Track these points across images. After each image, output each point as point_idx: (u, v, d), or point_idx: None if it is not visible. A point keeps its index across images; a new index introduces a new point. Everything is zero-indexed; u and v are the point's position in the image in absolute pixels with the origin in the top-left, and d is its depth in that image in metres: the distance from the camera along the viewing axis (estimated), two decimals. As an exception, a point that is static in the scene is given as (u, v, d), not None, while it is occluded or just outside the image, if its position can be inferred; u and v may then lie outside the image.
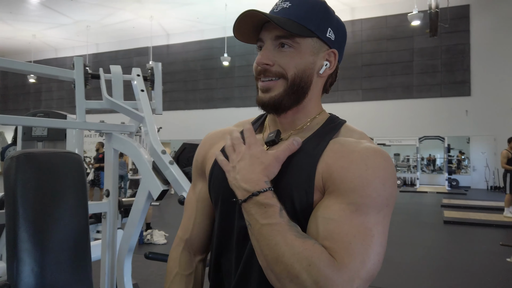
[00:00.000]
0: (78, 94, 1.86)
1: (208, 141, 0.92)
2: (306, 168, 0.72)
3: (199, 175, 0.92)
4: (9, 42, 19.31)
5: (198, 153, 0.92)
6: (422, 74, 14.60)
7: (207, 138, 0.94)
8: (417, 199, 11.42)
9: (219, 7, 14.50)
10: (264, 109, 0.79)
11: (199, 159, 0.92)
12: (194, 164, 0.93)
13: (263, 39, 0.77)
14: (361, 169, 0.68)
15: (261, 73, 0.76)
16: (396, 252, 5.18)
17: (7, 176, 1.49)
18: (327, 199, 0.69)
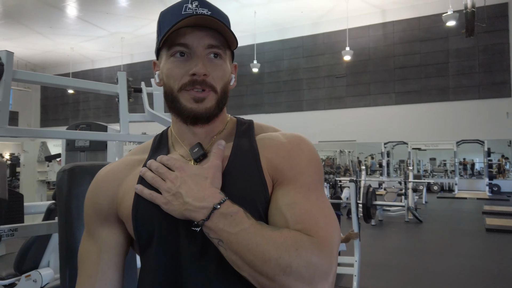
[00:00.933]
0: (121, 107, 1.93)
1: (111, 180, 0.78)
2: (253, 169, 0.73)
3: (102, 221, 0.77)
4: (49, 55, 20.26)
5: (100, 196, 0.77)
6: (459, 75, 14.13)
7: (106, 176, 0.79)
8: (456, 205, 11.01)
9: (248, 15, 14.64)
10: (195, 120, 0.73)
11: (103, 202, 0.77)
12: (93, 210, 0.78)
13: (191, 45, 0.71)
14: (299, 154, 0.74)
15: (197, 84, 0.71)
16: (437, 262, 5.01)
17: (60, 187, 1.56)
18: (281, 189, 0.71)
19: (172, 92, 0.73)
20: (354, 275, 3.84)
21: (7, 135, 1.64)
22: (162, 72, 0.76)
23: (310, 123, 16.09)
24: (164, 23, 0.74)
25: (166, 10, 0.76)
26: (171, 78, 0.73)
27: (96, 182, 0.79)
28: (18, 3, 13.96)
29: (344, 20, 14.90)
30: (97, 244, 0.77)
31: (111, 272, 0.76)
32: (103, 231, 0.77)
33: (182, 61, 0.72)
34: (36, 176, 6.61)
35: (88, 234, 0.79)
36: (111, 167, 0.81)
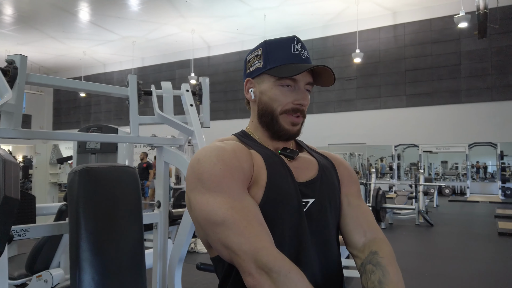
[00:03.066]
0: (132, 110, 1.95)
1: (245, 153, 0.89)
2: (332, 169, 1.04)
3: (246, 182, 0.86)
4: (62, 59, 20.55)
5: (243, 161, 0.86)
6: (471, 77, 13.96)
7: (241, 148, 0.89)
8: (468, 209, 10.87)
9: (259, 18, 14.68)
10: (288, 139, 0.97)
11: (245, 167, 0.86)
12: (239, 171, 0.84)
13: (298, 81, 0.93)
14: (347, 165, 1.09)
15: (298, 111, 0.94)
16: (448, 266, 4.95)
17: (71, 189, 1.59)
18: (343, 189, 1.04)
19: (273, 113, 0.93)
20: (364, 279, 3.81)
21: (20, 137, 1.68)
22: (263, 93, 0.94)
23: (320, 126, 16.04)
24: (274, 54, 0.93)
25: (273, 41, 0.96)
26: (275, 102, 0.93)
27: (232, 151, 0.86)
28: (32, 8, 14.21)
29: (354, 22, 14.85)
30: (252, 199, 0.84)
31: None
32: (247, 192, 0.85)
33: (288, 91, 0.93)
34: (48, 178, 6.70)
35: (236, 194, 0.82)
36: (233, 144, 0.90)
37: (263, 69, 0.93)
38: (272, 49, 0.94)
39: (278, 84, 0.92)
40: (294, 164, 0.95)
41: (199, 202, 0.81)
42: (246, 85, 0.97)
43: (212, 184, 0.81)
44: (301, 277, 0.74)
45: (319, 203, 0.92)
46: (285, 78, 0.90)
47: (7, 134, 1.66)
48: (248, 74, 0.97)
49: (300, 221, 0.87)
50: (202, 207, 0.81)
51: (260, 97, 0.94)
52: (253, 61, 0.96)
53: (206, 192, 0.81)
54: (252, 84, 0.96)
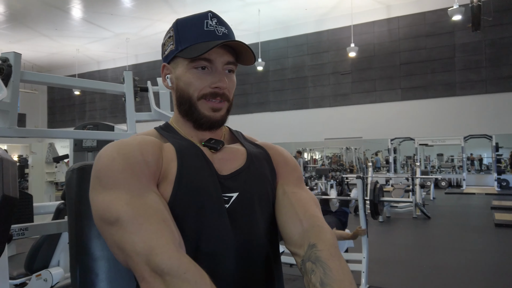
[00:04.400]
0: (128, 106, 1.94)
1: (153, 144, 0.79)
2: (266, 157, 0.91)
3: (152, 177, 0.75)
4: (55, 57, 20.38)
5: (149, 155, 0.76)
6: (465, 70, 14.01)
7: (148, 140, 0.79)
8: (464, 201, 10.94)
9: (252, 13, 14.63)
10: (211, 127, 0.85)
11: (151, 160, 0.76)
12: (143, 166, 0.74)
13: (214, 61, 0.81)
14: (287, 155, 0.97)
15: (217, 96, 0.82)
16: (446, 258, 4.99)
17: (69, 187, 1.57)
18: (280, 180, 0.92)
19: (190, 99, 0.82)
20: (362, 272, 3.84)
21: (16, 136, 1.66)
22: (178, 78, 0.83)
23: (316, 121, 16.06)
24: (185, 34, 0.82)
25: (185, 20, 0.85)
26: (191, 87, 0.82)
27: (137, 145, 0.76)
28: (23, 6, 14.06)
29: (348, 16, 14.84)
30: (157, 195, 0.73)
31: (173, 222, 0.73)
32: (154, 188, 0.74)
33: (203, 73, 0.81)
34: (44, 177, 6.67)
35: (135, 189, 0.71)
36: (141, 138, 0.80)
37: (175, 51, 0.82)
38: (184, 28, 0.82)
39: (192, 66, 0.80)
40: (218, 156, 0.84)
41: (95, 202, 0.73)
42: (163, 71, 0.86)
43: (109, 180, 0.71)
44: (200, 278, 0.63)
45: (244, 197, 0.81)
46: (196, 59, 0.79)
47: (3, 132, 1.65)
48: (164, 59, 0.87)
49: (219, 219, 0.76)
50: (97, 207, 0.72)
51: (177, 83, 0.83)
52: (167, 44, 0.85)
53: (103, 190, 0.71)
54: (169, 69, 0.85)
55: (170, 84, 0.86)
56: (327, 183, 9.98)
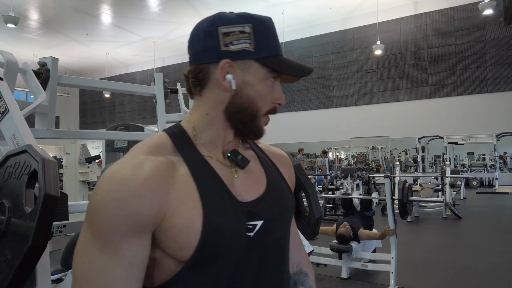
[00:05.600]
0: (159, 108, 2.00)
1: (155, 187, 0.64)
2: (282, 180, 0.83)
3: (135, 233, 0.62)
4: (86, 61, 21.07)
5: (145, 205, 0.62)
6: (497, 66, 13.54)
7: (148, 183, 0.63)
8: (497, 201, 10.59)
9: (276, 13, 14.64)
10: (256, 139, 0.77)
11: (147, 213, 0.62)
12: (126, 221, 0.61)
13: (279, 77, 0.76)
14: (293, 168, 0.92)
15: (275, 112, 0.76)
16: (478, 260, 4.85)
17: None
18: None
19: (256, 112, 0.73)
20: (391, 272, 3.79)
21: (55, 137, 1.75)
22: (248, 84, 0.72)
23: (341, 120, 15.90)
24: (266, 39, 0.73)
25: (260, 20, 0.76)
26: (263, 100, 0.73)
27: (132, 187, 0.62)
28: (56, 13, 14.60)
29: (374, 14, 14.62)
30: (123, 258, 0.61)
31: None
32: (132, 245, 0.62)
33: (271, 87, 0.74)
34: (77, 177, 6.91)
35: (103, 247, 0.61)
36: (148, 170, 0.64)
37: (254, 54, 0.71)
38: (263, 31, 0.73)
39: (267, 77, 0.72)
40: (240, 178, 0.75)
41: (78, 241, 0.64)
42: (224, 67, 0.70)
43: (92, 226, 0.62)
44: None
45: (268, 225, 0.73)
46: (272, 70, 0.72)
47: (42, 134, 1.73)
48: (226, 53, 0.70)
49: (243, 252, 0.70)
50: (76, 248, 0.64)
51: (243, 88, 0.71)
52: (236, 38, 0.71)
53: (85, 229, 0.63)
54: (233, 69, 0.71)
55: (234, 87, 0.71)
56: (353, 182, 9.86)
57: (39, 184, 1.13)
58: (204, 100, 0.74)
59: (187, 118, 0.76)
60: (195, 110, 0.75)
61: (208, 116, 0.73)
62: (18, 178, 1.22)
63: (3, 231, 1.14)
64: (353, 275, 4.24)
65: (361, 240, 4.23)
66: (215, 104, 0.73)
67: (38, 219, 1.06)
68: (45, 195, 1.15)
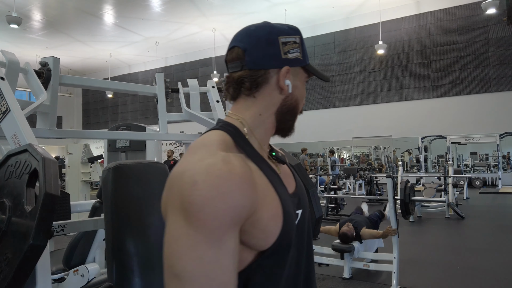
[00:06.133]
0: (160, 107, 2.00)
1: (249, 179, 0.67)
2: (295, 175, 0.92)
3: (237, 225, 0.65)
4: (89, 61, 21.12)
5: (246, 197, 0.65)
6: (500, 65, 13.48)
7: (245, 175, 0.67)
8: (500, 201, 10.54)
9: (278, 13, 14.63)
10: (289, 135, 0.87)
11: (247, 204, 0.65)
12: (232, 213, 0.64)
13: None
14: None
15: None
16: (481, 260, 4.84)
17: (105, 185, 1.65)
18: None
19: (298, 110, 0.85)
20: (393, 272, 3.78)
21: (56, 137, 1.75)
22: (296, 88, 0.83)
23: (344, 119, 15.87)
24: (305, 49, 0.85)
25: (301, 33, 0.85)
26: (302, 100, 0.86)
27: (234, 180, 0.64)
28: (59, 13, 14.64)
29: (376, 13, 14.59)
30: (227, 250, 0.63)
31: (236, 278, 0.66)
32: (232, 236, 0.64)
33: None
34: (80, 176, 6.93)
35: (210, 241, 0.62)
36: (239, 163, 0.67)
37: (303, 63, 0.82)
38: (304, 43, 0.84)
39: (305, 81, 0.86)
40: (282, 173, 0.82)
41: (170, 234, 0.64)
42: (286, 74, 0.79)
43: (197, 223, 0.62)
44: None
45: (304, 214, 0.82)
46: (309, 74, 0.86)
47: (43, 133, 1.74)
48: (286, 61, 0.79)
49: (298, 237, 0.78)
50: (170, 242, 0.63)
51: (293, 92, 0.81)
52: (292, 48, 0.80)
53: (185, 226, 0.62)
54: (289, 74, 0.80)
55: (291, 91, 0.80)
56: (355, 182, 9.86)
57: (39, 183, 1.13)
58: (257, 102, 0.80)
59: (235, 117, 0.80)
60: (246, 110, 0.80)
61: (261, 116, 0.80)
62: (18, 177, 1.22)
63: (3, 230, 1.14)
64: (355, 275, 4.23)
65: (363, 240, 4.22)
66: (268, 106, 0.80)
67: (38, 218, 1.06)
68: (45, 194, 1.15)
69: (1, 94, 1.44)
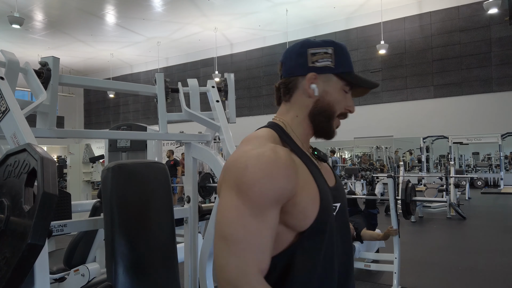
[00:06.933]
0: (160, 107, 2.00)
1: (292, 167, 0.82)
2: None
3: (278, 203, 0.80)
4: (91, 61, 21.15)
5: (287, 180, 0.80)
6: (503, 65, 13.44)
7: (288, 163, 0.82)
8: (502, 201, 10.51)
9: (280, 13, 14.63)
10: (329, 139, 0.97)
11: (288, 187, 0.80)
12: (274, 192, 0.78)
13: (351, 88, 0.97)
14: None
15: (345, 117, 0.97)
16: (482, 260, 4.82)
17: (105, 185, 1.65)
18: None
19: (332, 114, 0.94)
20: (394, 272, 3.78)
21: (56, 137, 1.75)
22: (327, 93, 0.93)
23: (345, 120, 15.76)
24: (344, 58, 0.95)
25: (340, 45, 0.96)
26: (338, 105, 0.94)
27: (279, 166, 0.79)
28: (61, 13, 14.67)
29: (378, 13, 14.57)
30: (268, 223, 0.78)
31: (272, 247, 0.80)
32: (274, 213, 0.79)
33: (346, 96, 0.95)
34: (81, 176, 6.94)
35: (255, 213, 0.77)
36: (285, 154, 0.82)
37: (334, 70, 0.93)
38: (341, 53, 0.95)
39: (343, 88, 0.94)
40: (323, 169, 0.96)
41: (223, 206, 0.79)
42: (311, 79, 0.92)
43: (246, 198, 0.77)
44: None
45: (343, 208, 0.94)
46: (348, 83, 0.94)
47: (43, 133, 1.74)
48: (312, 68, 0.92)
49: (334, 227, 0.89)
50: (222, 212, 0.79)
51: (323, 96, 0.93)
52: (321, 57, 0.93)
53: (236, 200, 0.77)
54: (317, 80, 0.92)
55: (316, 94, 0.92)
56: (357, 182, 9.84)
57: (38, 182, 1.13)
58: (292, 105, 0.95)
59: (278, 119, 0.96)
60: (286, 113, 0.96)
61: (298, 117, 0.95)
62: (17, 176, 1.22)
63: (2, 230, 1.14)
64: (356, 275, 4.22)
65: (364, 241, 4.21)
66: (301, 108, 0.94)
67: (36, 217, 1.06)
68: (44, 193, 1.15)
69: (1, 93, 1.44)
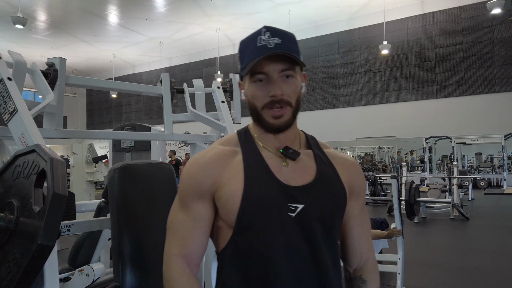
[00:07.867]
0: (165, 108, 2.00)
1: (215, 165, 0.91)
2: (336, 179, 0.96)
3: (199, 197, 0.91)
4: (93, 61, 21.18)
5: (204, 176, 0.91)
6: (506, 65, 13.40)
7: (210, 162, 0.92)
8: (505, 201, 10.48)
9: (282, 13, 14.62)
10: (276, 132, 0.93)
11: (205, 182, 0.90)
12: (193, 187, 0.91)
13: (268, 72, 0.89)
14: (362, 175, 1.03)
15: (275, 103, 0.89)
16: (485, 261, 4.81)
17: (111, 185, 1.65)
18: (353, 201, 0.99)
19: (256, 110, 0.93)
20: (398, 273, 3.77)
21: (63, 137, 1.76)
22: (247, 93, 0.94)
23: (347, 120, 15.84)
24: (244, 54, 0.94)
25: (244, 40, 0.95)
26: (255, 99, 0.92)
27: (199, 164, 0.93)
28: (63, 13, 14.70)
29: (381, 13, 14.55)
30: (191, 214, 0.92)
31: (202, 236, 0.92)
32: (198, 205, 0.91)
33: (262, 85, 0.90)
34: (84, 176, 6.95)
35: (182, 206, 0.93)
36: (212, 154, 0.93)
37: (240, 70, 0.95)
38: (243, 48, 0.94)
39: (252, 81, 0.91)
40: (290, 168, 0.93)
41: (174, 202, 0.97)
42: (240, 87, 0.99)
43: (178, 193, 0.95)
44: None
45: (307, 210, 0.89)
46: (253, 73, 0.90)
47: (50, 134, 1.74)
48: (240, 75, 0.98)
49: (285, 224, 0.88)
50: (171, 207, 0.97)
51: (248, 97, 0.95)
52: (239, 62, 0.97)
53: (178, 196, 0.96)
54: (242, 86, 0.97)
55: (244, 98, 0.97)
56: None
57: (48, 183, 1.13)
58: None
59: (251, 123, 1.02)
60: None
61: (252, 121, 0.99)
62: (26, 177, 1.23)
63: (12, 230, 1.15)
64: (359, 275, 4.21)
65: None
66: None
67: (46, 218, 1.07)
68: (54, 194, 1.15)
69: (9, 94, 1.44)
